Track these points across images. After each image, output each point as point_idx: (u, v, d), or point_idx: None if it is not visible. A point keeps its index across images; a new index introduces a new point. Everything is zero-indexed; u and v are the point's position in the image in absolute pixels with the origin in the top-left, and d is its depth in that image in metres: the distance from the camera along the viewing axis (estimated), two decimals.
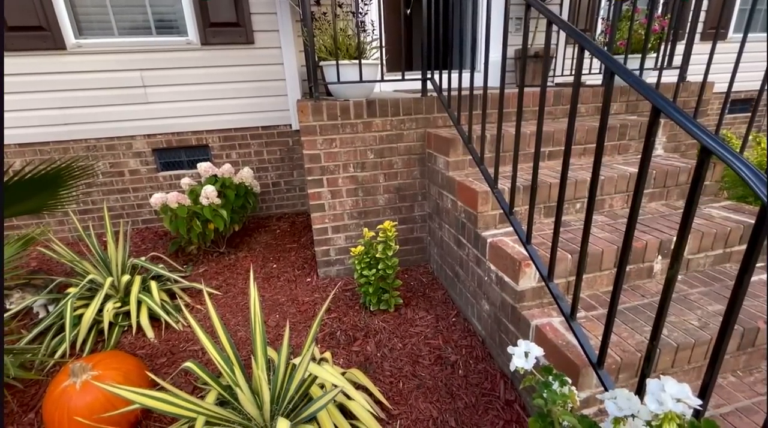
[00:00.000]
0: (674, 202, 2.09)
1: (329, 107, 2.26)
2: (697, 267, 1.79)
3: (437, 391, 1.70)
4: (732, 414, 1.30)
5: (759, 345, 1.46)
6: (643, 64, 2.63)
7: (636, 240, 1.68)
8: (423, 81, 2.47)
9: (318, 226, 2.48)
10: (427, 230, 2.66)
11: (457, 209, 2.08)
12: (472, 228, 1.92)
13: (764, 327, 1.42)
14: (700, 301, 1.57)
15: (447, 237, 2.30)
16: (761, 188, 0.70)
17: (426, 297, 2.38)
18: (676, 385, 0.65)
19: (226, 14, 3.12)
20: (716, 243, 1.77)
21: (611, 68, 1.06)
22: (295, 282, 2.62)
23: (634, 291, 1.67)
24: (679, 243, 0.89)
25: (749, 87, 5.90)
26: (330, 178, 2.39)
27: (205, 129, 3.40)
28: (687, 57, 2.57)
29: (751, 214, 1.91)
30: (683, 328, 1.42)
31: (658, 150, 2.44)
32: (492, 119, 2.22)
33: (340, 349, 1.98)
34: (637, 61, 2.75)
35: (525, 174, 2.04)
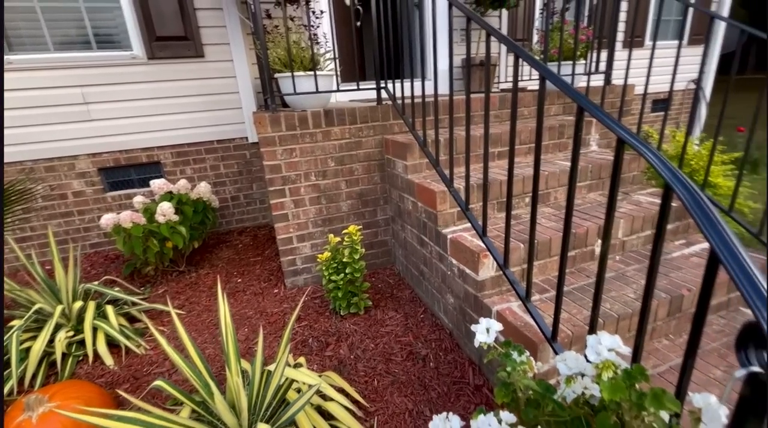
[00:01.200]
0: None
1: (287, 118, 2.29)
2: (632, 248, 2.01)
3: (411, 385, 1.77)
4: (668, 372, 1.48)
5: (685, 311, 1.67)
6: (574, 69, 2.91)
7: (578, 226, 1.86)
8: (377, 90, 2.57)
9: (282, 236, 2.49)
10: (391, 233, 2.75)
11: (417, 210, 2.19)
12: (433, 226, 2.02)
13: (687, 294, 1.64)
14: (635, 277, 1.77)
15: (410, 237, 2.39)
16: (663, 169, 0.84)
17: (394, 298, 2.45)
18: (609, 338, 0.77)
19: (172, 28, 3.06)
20: (645, 225, 2.00)
21: (542, 74, 1.20)
22: (262, 294, 2.59)
23: (580, 273, 1.85)
24: (607, 223, 1.03)
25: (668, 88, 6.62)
26: (292, 187, 2.41)
27: (156, 145, 3.29)
28: (610, 63, 2.89)
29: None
30: (622, 301, 1.60)
31: (593, 146, 2.70)
32: (445, 124, 2.36)
33: (313, 355, 1.99)
34: (569, 67, 3.04)
35: (478, 173, 2.18)
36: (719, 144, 3.85)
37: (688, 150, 3.30)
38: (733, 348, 0.87)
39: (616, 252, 1.97)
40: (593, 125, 2.66)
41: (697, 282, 1.68)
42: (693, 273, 1.76)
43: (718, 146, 3.71)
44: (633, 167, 2.40)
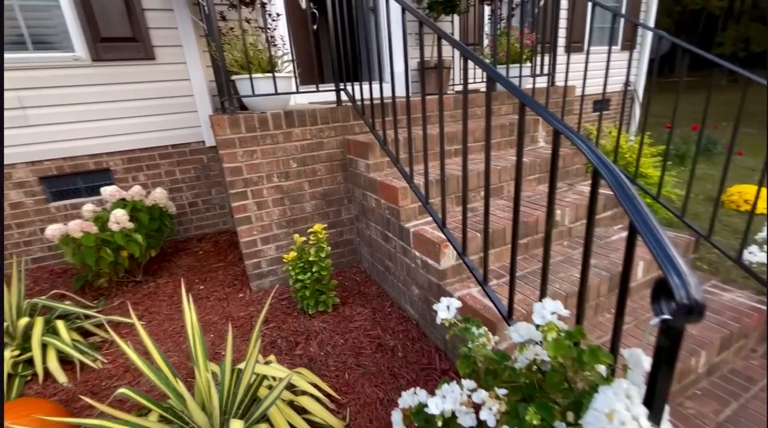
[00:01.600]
0: (557, 182, 2.52)
1: (247, 120, 2.28)
2: (578, 234, 2.19)
3: (381, 375, 1.83)
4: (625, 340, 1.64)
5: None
6: (521, 71, 3.12)
7: (529, 216, 2.01)
8: (337, 92, 2.62)
9: (246, 239, 2.46)
10: (356, 231, 2.79)
11: (381, 207, 2.26)
12: (396, 221, 2.10)
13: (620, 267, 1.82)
14: (581, 259, 1.94)
15: (375, 234, 2.46)
16: (591, 155, 0.96)
17: (362, 294, 2.50)
18: (552, 303, 0.87)
19: (119, 28, 2.94)
20: (586, 212, 2.19)
21: (489, 74, 1.31)
22: (226, 300, 2.54)
23: (533, 258, 1.99)
24: (549, 207, 1.15)
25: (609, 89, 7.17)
26: (254, 189, 2.40)
27: (105, 151, 3.12)
28: (553, 66, 3.13)
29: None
30: (570, 281, 1.75)
31: (541, 142, 2.90)
32: (404, 124, 2.45)
33: (283, 355, 2.00)
34: (518, 70, 3.25)
35: (437, 169, 2.29)
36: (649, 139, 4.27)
37: (623, 145, 3.63)
38: None
39: (564, 238, 2.14)
40: (540, 123, 2.87)
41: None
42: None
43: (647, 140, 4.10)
44: (576, 160, 2.61)
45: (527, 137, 2.82)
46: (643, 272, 1.90)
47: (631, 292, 1.90)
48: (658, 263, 0.76)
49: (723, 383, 1.62)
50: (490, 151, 1.37)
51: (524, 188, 2.40)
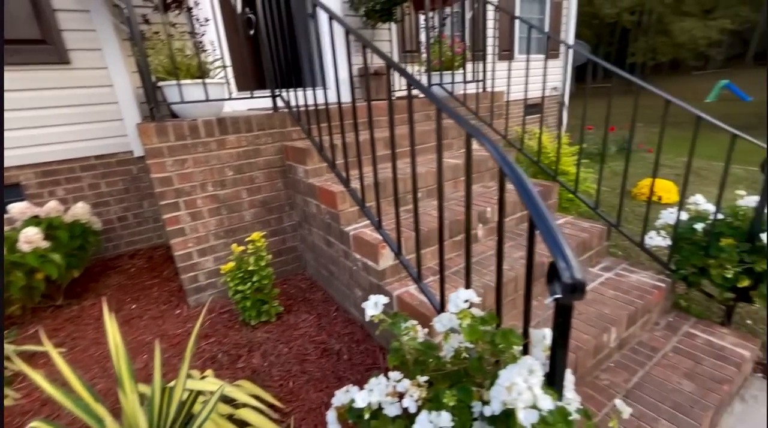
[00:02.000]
0: (488, 182, 2.69)
1: (176, 127, 2.19)
2: (508, 228, 2.35)
3: (326, 379, 1.83)
4: (539, 325, 1.78)
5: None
6: (453, 78, 3.28)
7: (460, 214, 2.12)
8: (273, 98, 2.59)
9: (180, 252, 2.35)
10: (300, 238, 2.77)
11: (321, 212, 2.26)
12: (337, 226, 2.12)
13: (545, 261, 1.98)
14: (508, 252, 2.09)
15: (317, 240, 2.46)
16: (497, 156, 1.05)
17: (307, 301, 2.48)
18: (465, 292, 0.94)
19: (26, 30, 2.68)
20: (515, 209, 2.37)
21: (408, 81, 1.38)
22: (161, 318, 2.40)
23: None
24: (467, 211, 1.23)
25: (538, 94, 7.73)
26: (187, 199, 2.30)
27: (13, 164, 2.82)
28: (484, 73, 3.33)
29: (537, 185, 2.60)
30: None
31: (474, 145, 3.06)
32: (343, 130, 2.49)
33: (224, 370, 1.93)
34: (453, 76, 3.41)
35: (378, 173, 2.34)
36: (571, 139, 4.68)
37: (547, 145, 3.94)
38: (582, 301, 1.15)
39: (494, 234, 2.29)
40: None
41: None
42: None
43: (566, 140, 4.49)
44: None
45: (460, 140, 2.97)
46: None
47: None
48: (550, 250, 0.85)
49: (632, 354, 1.83)
50: (415, 156, 1.45)
51: (457, 188, 2.54)
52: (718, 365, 1.72)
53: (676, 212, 2.07)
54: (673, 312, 2.12)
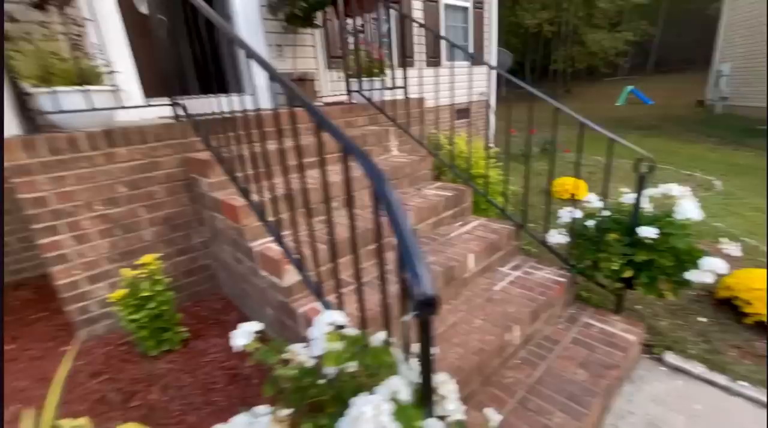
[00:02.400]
0: (406, 188, 2.71)
1: (50, 141, 1.93)
2: (423, 234, 2.37)
3: (232, 408, 1.70)
4: (449, 329, 1.80)
5: (458, 277, 2.06)
6: (373, 85, 3.28)
7: (372, 222, 2.10)
8: (173, 106, 2.40)
9: (65, 280, 2.08)
10: (212, 255, 2.59)
11: (227, 227, 2.12)
12: (243, 241, 2.00)
13: (457, 264, 2.02)
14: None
15: (228, 257, 2.31)
16: (366, 167, 1.03)
17: (219, 323, 2.32)
18: (330, 315, 0.90)
19: None
20: (430, 213, 2.40)
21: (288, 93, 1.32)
22: (44, 357, 2.11)
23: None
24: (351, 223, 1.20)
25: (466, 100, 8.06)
26: (70, 221, 2.04)
27: None
28: (405, 80, 3.36)
29: (452, 189, 2.66)
30: None
31: (394, 151, 3.09)
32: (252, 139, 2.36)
33: (114, 412, 1.72)
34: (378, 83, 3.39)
35: (289, 184, 2.25)
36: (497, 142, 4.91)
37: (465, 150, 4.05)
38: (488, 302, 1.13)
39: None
40: (391, 133, 3.05)
41: (464, 254, 2.10)
42: (463, 247, 2.19)
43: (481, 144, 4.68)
44: (423, 166, 2.84)
45: (381, 147, 2.97)
46: (474, 262, 2.14)
47: (466, 282, 2.13)
48: (405, 268, 0.83)
49: (536, 349, 1.91)
50: (304, 169, 1.38)
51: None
52: (608, 352, 1.86)
53: (573, 211, 2.22)
54: (575, 304, 2.27)
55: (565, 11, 22.30)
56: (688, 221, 1.86)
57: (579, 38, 23.37)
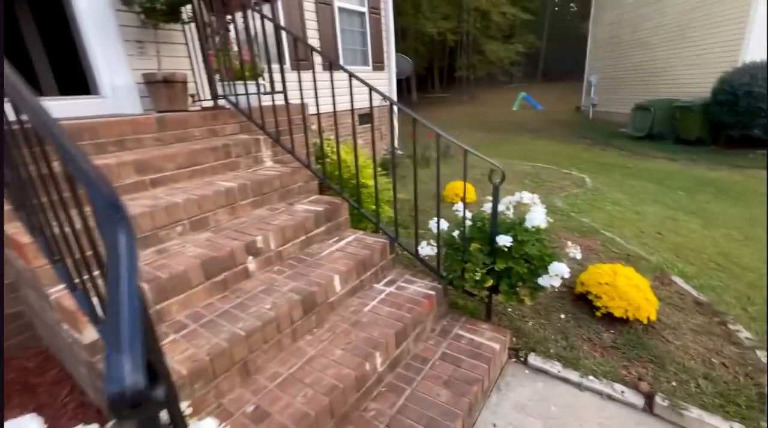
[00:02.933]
0: (276, 204, 2.46)
1: None
2: (290, 255, 2.16)
3: None
4: (314, 359, 1.60)
5: (322, 303, 1.88)
6: (247, 89, 2.92)
7: (221, 249, 1.83)
8: None
9: None
10: (23, 300, 2.06)
11: (23, 268, 1.67)
12: (40, 287, 1.57)
13: (318, 289, 1.84)
14: (283, 283, 1.87)
15: (35, 303, 1.84)
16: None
17: (27, 388, 1.83)
18: None
19: None
20: (297, 232, 2.19)
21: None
22: None
23: (233, 294, 1.82)
24: None
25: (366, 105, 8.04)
26: None
27: None
28: (284, 84, 3.06)
29: (327, 203, 2.48)
30: (257, 315, 1.64)
31: (267, 162, 2.83)
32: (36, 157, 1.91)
33: None
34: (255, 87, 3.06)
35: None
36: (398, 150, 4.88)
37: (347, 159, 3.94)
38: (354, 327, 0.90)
39: (274, 263, 2.07)
40: (262, 143, 2.78)
41: (330, 276, 1.93)
42: (330, 267, 2.02)
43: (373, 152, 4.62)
44: (297, 178, 2.63)
45: (249, 158, 2.69)
46: (341, 283, 1.99)
47: (333, 306, 1.96)
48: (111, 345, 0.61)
49: (404, 371, 1.82)
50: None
51: (237, 214, 2.24)
52: (474, 365, 1.83)
53: (441, 221, 2.19)
54: (449, 314, 2.25)
55: (465, 22, 23.95)
56: (537, 229, 1.92)
57: (479, 48, 25.30)
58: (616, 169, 7.92)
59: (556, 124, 14.61)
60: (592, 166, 8.00)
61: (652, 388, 1.85)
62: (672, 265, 3.23)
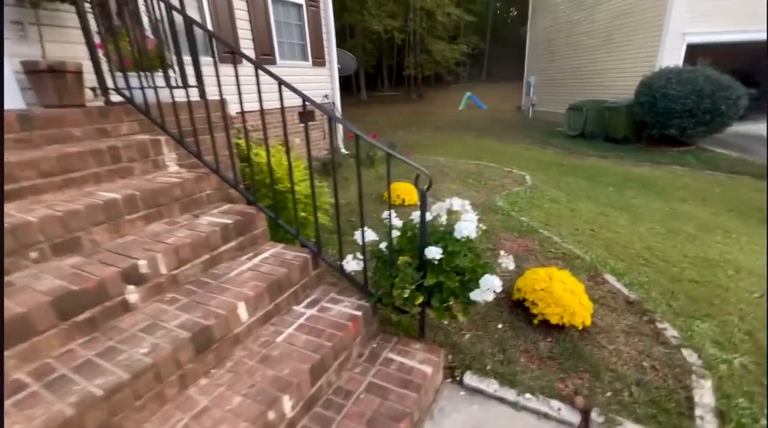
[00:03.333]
0: (175, 216, 2.10)
1: None
2: (189, 279, 1.81)
3: None
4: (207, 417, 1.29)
5: (223, 338, 1.58)
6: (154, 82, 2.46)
7: (87, 279, 1.46)
8: None
9: None
10: None
11: None
12: None
13: (215, 322, 1.54)
14: (168, 319, 1.54)
15: None
16: None
17: None
18: None
19: None
20: (199, 250, 1.86)
21: None
22: None
23: (104, 336, 1.46)
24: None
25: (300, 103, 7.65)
26: None
27: None
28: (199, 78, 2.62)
29: (240, 213, 2.16)
30: (135, 358, 1.31)
31: (171, 166, 2.44)
32: None
33: None
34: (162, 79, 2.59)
35: None
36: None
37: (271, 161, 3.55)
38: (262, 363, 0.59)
39: (166, 291, 1.72)
40: (164, 144, 2.39)
41: (233, 304, 1.63)
42: (236, 292, 1.71)
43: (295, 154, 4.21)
44: (204, 186, 2.27)
45: (148, 162, 2.29)
46: (249, 311, 1.69)
47: (239, 339, 1.66)
48: None
49: (323, 411, 1.57)
50: None
51: (122, 231, 1.86)
52: (402, 395, 1.63)
53: (367, 231, 1.97)
54: (380, 334, 2.03)
55: (411, 21, 24.10)
56: (467, 239, 1.76)
57: (425, 47, 25.61)
58: (554, 166, 8.25)
59: (499, 124, 15.11)
60: (532, 164, 8.27)
61: (588, 403, 1.76)
62: (604, 263, 3.28)
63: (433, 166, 6.94)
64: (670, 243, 4.00)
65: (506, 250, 3.45)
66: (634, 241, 3.92)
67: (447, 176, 6.34)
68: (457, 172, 6.74)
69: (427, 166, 7.06)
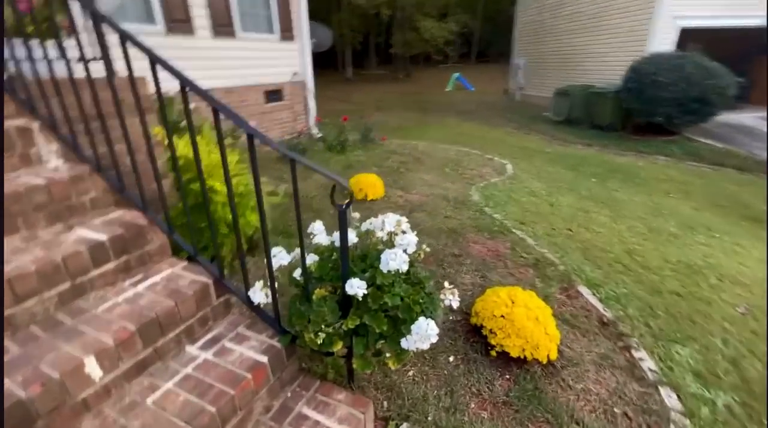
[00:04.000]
0: (41, 229, 1.64)
1: None
2: (34, 319, 1.38)
3: None
4: None
5: (58, 411, 1.17)
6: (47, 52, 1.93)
7: None
8: None
9: None
10: None
11: None
12: None
13: (36, 393, 1.12)
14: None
15: None
16: None
17: None
18: None
19: None
20: (54, 278, 1.42)
21: None
22: None
23: None
24: None
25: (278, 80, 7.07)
26: None
27: None
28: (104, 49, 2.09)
29: (128, 224, 1.72)
30: None
31: (52, 162, 1.95)
32: None
33: None
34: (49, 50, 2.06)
35: None
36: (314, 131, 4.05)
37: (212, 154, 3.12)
38: None
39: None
40: (36, 134, 1.89)
41: (78, 359, 1.21)
42: (92, 339, 1.30)
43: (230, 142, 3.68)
44: (90, 188, 1.81)
45: (14, 157, 1.80)
46: (104, 368, 1.28)
47: (89, 403, 1.25)
48: None
49: None
50: None
51: None
52: None
53: (282, 251, 1.56)
54: (298, 378, 1.65)
55: None
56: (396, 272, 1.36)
57: (413, 24, 24.56)
58: (537, 154, 7.89)
59: (486, 107, 14.62)
60: (514, 151, 7.90)
61: None
62: (580, 271, 2.96)
63: (408, 153, 6.50)
64: (651, 244, 3.71)
65: (474, 256, 3.11)
66: (614, 243, 3.62)
67: (423, 165, 5.91)
68: (435, 159, 6.31)
69: (403, 153, 6.64)
